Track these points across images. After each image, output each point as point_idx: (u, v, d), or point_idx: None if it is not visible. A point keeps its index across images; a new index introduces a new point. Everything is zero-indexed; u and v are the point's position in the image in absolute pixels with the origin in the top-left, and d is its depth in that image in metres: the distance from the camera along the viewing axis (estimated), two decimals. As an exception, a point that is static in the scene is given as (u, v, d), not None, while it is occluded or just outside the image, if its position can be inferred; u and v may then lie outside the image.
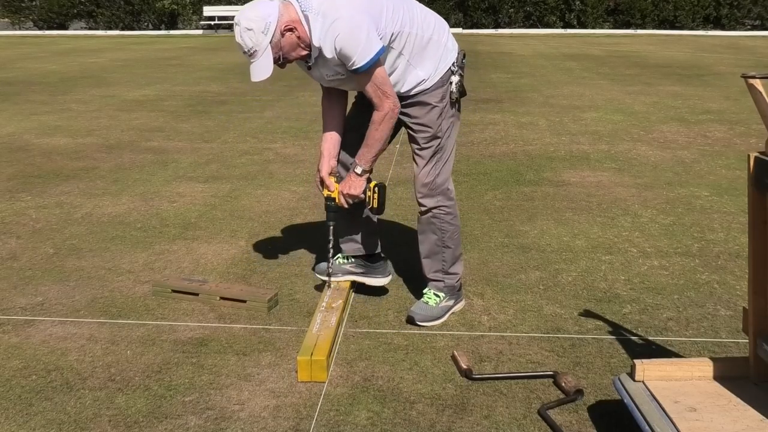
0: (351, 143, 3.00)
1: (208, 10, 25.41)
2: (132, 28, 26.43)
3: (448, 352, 2.74)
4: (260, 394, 2.47)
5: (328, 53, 2.69)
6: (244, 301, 3.12)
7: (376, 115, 2.79)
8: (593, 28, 24.94)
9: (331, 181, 2.97)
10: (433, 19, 2.93)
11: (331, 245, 3.05)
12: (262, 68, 2.71)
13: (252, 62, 2.73)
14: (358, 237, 3.16)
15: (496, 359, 2.70)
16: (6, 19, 27.46)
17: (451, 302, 3.07)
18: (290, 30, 2.68)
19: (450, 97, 2.91)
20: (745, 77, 1.95)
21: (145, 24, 26.78)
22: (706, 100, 8.92)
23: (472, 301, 3.21)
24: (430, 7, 3.07)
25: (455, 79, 2.90)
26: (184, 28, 26.68)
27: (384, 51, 2.71)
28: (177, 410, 2.37)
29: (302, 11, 2.69)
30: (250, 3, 2.73)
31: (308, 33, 2.70)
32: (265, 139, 6.71)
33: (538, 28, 25.12)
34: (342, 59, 2.68)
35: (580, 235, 4.06)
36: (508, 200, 4.73)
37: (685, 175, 5.34)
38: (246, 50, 2.71)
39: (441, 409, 2.38)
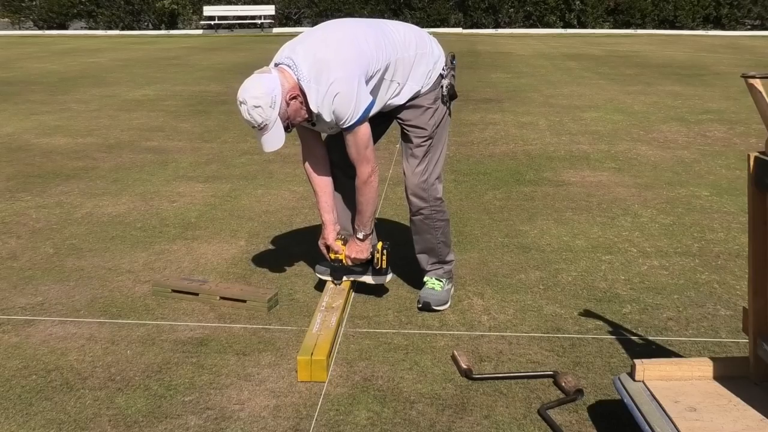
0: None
1: (208, 10, 25.41)
2: (132, 28, 26.42)
3: (448, 352, 2.74)
4: (260, 394, 2.47)
5: (327, 117, 2.77)
6: (244, 301, 3.12)
7: (358, 182, 2.91)
8: (593, 27, 24.94)
9: (338, 245, 3.08)
10: (412, 36, 3.00)
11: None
12: (275, 139, 2.77)
13: (261, 135, 2.77)
14: None
15: (496, 359, 2.70)
16: (6, 19, 27.45)
17: (450, 285, 3.20)
18: (294, 98, 2.75)
19: (442, 100, 3.02)
20: (745, 77, 1.95)
21: (145, 24, 26.78)
22: (706, 100, 8.92)
23: (472, 301, 3.21)
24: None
25: (446, 82, 3.02)
26: (184, 28, 26.67)
27: (373, 104, 2.82)
28: (177, 410, 2.37)
29: (296, 77, 2.75)
30: (251, 80, 2.75)
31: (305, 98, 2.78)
32: (265, 139, 6.70)
33: (538, 28, 25.11)
34: (335, 119, 2.77)
35: (580, 235, 4.06)
36: (508, 200, 4.73)
37: (685, 175, 5.34)
38: (255, 125, 2.75)
39: (441, 409, 2.38)
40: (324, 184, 3.08)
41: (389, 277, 3.22)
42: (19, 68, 13.28)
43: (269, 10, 25.49)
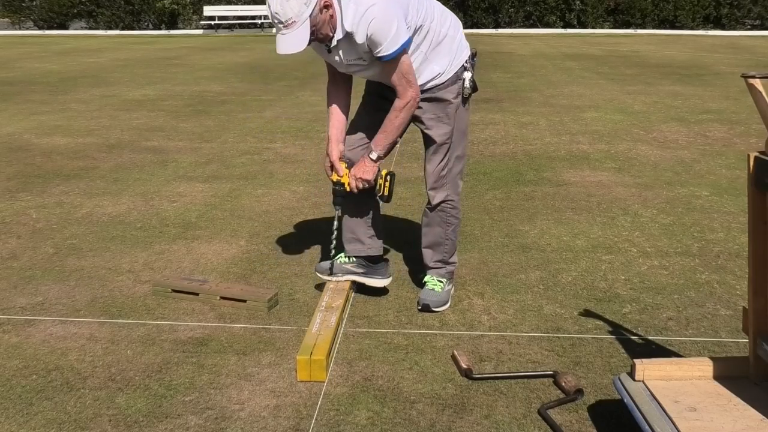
0: (359, 143, 3.05)
1: (208, 10, 25.43)
2: (132, 28, 26.43)
3: (448, 352, 2.74)
4: (260, 394, 2.47)
5: (360, 38, 2.69)
6: (244, 301, 3.12)
7: (398, 103, 2.82)
8: (593, 27, 24.95)
9: (341, 165, 2.99)
10: (449, 16, 3.01)
11: (335, 228, 3.09)
12: (297, 40, 2.64)
13: (284, 33, 2.64)
14: (364, 238, 3.16)
15: (496, 359, 2.70)
16: (6, 19, 27.46)
17: (450, 286, 3.19)
18: (327, 7, 2.66)
19: (463, 93, 3.00)
20: (745, 77, 1.95)
21: (146, 24, 26.79)
22: (706, 99, 8.92)
23: (472, 301, 3.21)
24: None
25: (468, 75, 2.99)
26: (184, 28, 26.68)
27: (410, 42, 2.75)
28: (177, 410, 2.38)
29: None
30: None
31: (339, 15, 2.71)
32: (265, 139, 6.71)
33: (538, 27, 25.12)
34: (371, 45, 2.70)
35: (580, 234, 4.06)
36: (508, 200, 4.73)
37: (685, 175, 5.34)
38: (283, 20, 2.61)
39: (441, 408, 2.38)
40: (340, 106, 3.04)
41: (389, 279, 3.21)
42: (19, 68, 13.28)
43: (269, 10, 25.46)
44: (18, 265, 3.68)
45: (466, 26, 24.98)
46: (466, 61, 2.99)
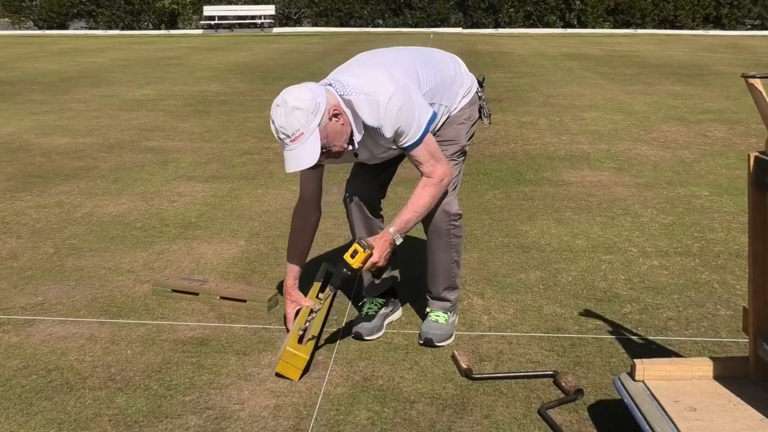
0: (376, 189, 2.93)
1: (208, 10, 25.45)
2: (132, 28, 26.44)
3: (448, 352, 2.74)
4: (260, 394, 2.47)
5: (388, 132, 2.51)
6: (245, 301, 3.12)
7: (430, 181, 2.61)
8: (593, 27, 24.96)
9: (358, 248, 2.55)
10: (447, 57, 2.92)
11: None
12: (307, 153, 2.41)
13: (292, 149, 2.42)
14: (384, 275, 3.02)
15: (496, 359, 2.70)
16: (6, 19, 27.47)
17: (455, 317, 2.96)
18: (337, 115, 2.46)
19: (478, 117, 2.92)
20: (746, 77, 1.95)
21: (145, 24, 26.80)
22: (706, 99, 8.92)
23: (472, 301, 3.21)
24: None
25: (483, 103, 2.93)
26: (184, 28, 26.69)
27: (435, 117, 2.65)
28: (177, 410, 2.38)
29: (341, 96, 2.50)
30: (293, 86, 2.50)
31: (351, 119, 2.52)
32: (265, 139, 6.71)
33: (538, 27, 25.13)
34: (396, 137, 2.54)
35: (580, 234, 4.06)
36: (508, 200, 4.73)
37: (685, 175, 5.34)
38: (289, 133, 2.40)
39: (441, 408, 2.38)
40: (304, 247, 2.94)
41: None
42: (19, 68, 13.28)
43: (269, 10, 25.52)
44: (18, 265, 3.68)
45: (466, 26, 25.06)
46: (478, 90, 2.90)
